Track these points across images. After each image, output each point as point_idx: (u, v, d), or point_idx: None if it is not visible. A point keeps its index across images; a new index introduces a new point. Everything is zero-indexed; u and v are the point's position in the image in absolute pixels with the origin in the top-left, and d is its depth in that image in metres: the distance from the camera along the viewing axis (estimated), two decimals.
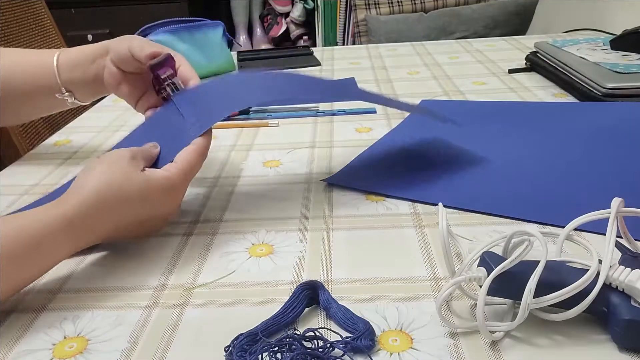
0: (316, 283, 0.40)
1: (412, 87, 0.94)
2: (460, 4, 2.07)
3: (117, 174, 0.45)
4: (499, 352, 0.35)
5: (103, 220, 0.44)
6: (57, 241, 0.42)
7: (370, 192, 0.57)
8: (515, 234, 0.39)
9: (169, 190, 0.48)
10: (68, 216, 0.42)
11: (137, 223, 0.47)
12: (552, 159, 0.61)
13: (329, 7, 2.31)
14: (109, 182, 0.44)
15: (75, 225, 0.42)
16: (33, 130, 1.11)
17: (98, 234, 0.45)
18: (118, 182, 0.44)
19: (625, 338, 0.34)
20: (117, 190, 0.44)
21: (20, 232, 0.39)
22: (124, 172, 0.45)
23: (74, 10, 2.34)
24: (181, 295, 0.42)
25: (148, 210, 0.47)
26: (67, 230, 0.42)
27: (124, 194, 0.44)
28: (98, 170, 0.45)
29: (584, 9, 1.71)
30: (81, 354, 0.37)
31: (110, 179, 0.44)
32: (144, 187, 0.46)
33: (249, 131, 0.78)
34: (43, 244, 0.41)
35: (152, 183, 0.46)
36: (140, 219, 0.47)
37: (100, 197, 0.43)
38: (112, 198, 0.44)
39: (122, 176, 0.45)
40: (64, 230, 0.42)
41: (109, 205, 0.44)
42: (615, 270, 0.35)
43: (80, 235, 0.43)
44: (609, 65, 0.82)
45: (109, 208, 0.44)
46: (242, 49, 2.05)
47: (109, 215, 0.44)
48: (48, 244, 0.41)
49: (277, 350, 0.35)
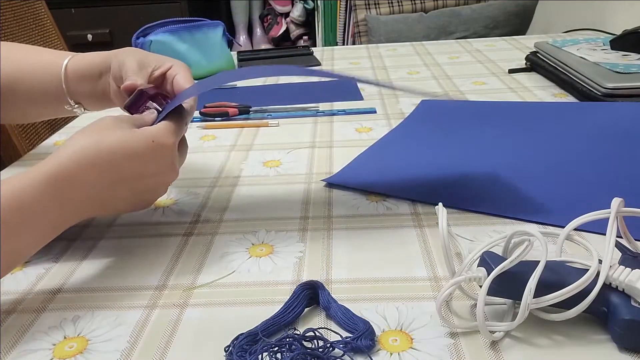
0: (316, 283, 0.40)
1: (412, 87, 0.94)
2: (460, 4, 2.07)
3: (100, 130, 0.44)
4: (499, 352, 0.35)
5: (88, 177, 0.42)
6: (40, 200, 0.40)
7: (370, 192, 0.57)
8: (515, 234, 0.39)
9: (156, 145, 0.45)
10: (47, 172, 0.40)
11: (130, 187, 0.45)
12: (552, 159, 0.61)
13: (329, 7, 2.31)
14: (91, 137, 0.43)
15: (58, 182, 0.41)
16: (33, 130, 1.11)
17: (87, 195, 0.43)
18: (101, 136, 0.43)
19: (625, 338, 0.34)
20: (99, 143, 0.43)
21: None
22: (108, 127, 0.44)
23: (74, 10, 2.34)
24: (181, 295, 0.42)
25: (137, 169, 0.45)
26: (50, 188, 0.40)
27: (106, 147, 0.43)
28: (80, 131, 0.44)
29: (584, 9, 1.71)
30: (81, 354, 0.37)
31: (92, 134, 0.43)
32: (127, 139, 0.44)
33: (249, 131, 0.78)
34: (25, 204, 0.39)
35: (135, 136, 0.45)
36: (132, 182, 0.45)
37: (82, 152, 0.42)
38: (94, 152, 0.42)
39: (106, 132, 0.44)
40: (46, 187, 0.40)
41: (92, 160, 0.42)
42: (615, 270, 0.35)
43: (66, 194, 0.42)
44: (609, 65, 0.82)
45: (92, 163, 0.42)
46: (242, 49, 2.05)
47: (93, 171, 0.42)
48: (30, 204, 0.39)
49: (277, 350, 0.35)
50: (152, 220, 0.54)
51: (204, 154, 0.70)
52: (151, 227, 0.53)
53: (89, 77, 0.57)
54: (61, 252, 0.50)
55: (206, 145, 0.73)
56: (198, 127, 0.80)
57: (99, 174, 0.43)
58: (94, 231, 0.53)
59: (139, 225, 0.53)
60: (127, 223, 0.54)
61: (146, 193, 0.48)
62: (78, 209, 0.43)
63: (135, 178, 0.45)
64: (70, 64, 0.58)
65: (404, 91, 0.75)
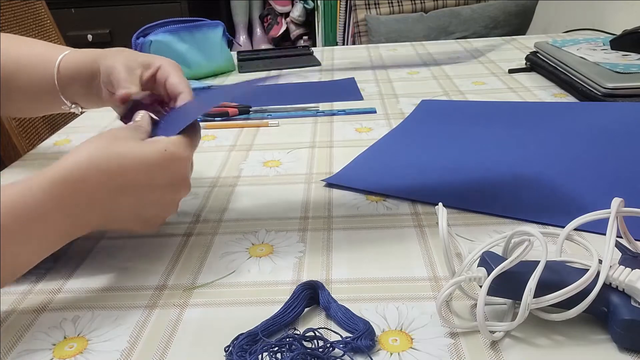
0: (316, 283, 0.40)
1: (412, 87, 0.94)
2: (460, 4, 2.07)
3: (111, 138, 0.42)
4: (499, 352, 0.35)
5: (95, 183, 0.40)
6: (43, 205, 0.38)
7: (370, 192, 0.57)
8: (515, 234, 0.39)
9: (168, 155, 0.43)
10: (52, 177, 0.39)
11: (139, 198, 0.43)
12: (552, 159, 0.61)
13: (329, 7, 2.31)
14: (100, 144, 0.41)
15: (62, 187, 0.39)
16: (33, 130, 1.11)
17: (93, 202, 0.41)
18: (111, 144, 0.42)
19: (625, 338, 0.34)
20: (109, 150, 0.41)
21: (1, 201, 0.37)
22: (118, 137, 0.43)
23: (74, 10, 2.34)
24: (181, 295, 0.42)
25: (147, 177, 0.42)
26: (54, 193, 0.39)
27: (116, 153, 0.41)
28: (89, 139, 0.42)
29: (584, 9, 1.71)
30: (81, 354, 0.37)
31: (101, 142, 0.42)
32: (138, 147, 0.42)
33: (249, 131, 0.78)
34: (26, 209, 0.38)
35: (147, 145, 0.43)
36: (141, 192, 0.43)
37: (90, 158, 0.40)
38: (103, 159, 0.40)
39: (116, 140, 0.42)
40: (49, 192, 0.39)
41: (99, 166, 0.40)
42: (615, 270, 0.35)
43: (71, 200, 0.40)
44: (609, 65, 0.82)
45: (100, 169, 0.40)
46: (242, 49, 2.05)
47: (101, 177, 0.40)
48: (32, 209, 0.38)
49: (277, 350, 0.35)
50: None
51: (204, 154, 0.70)
52: None
53: (80, 79, 0.56)
54: (61, 252, 0.49)
55: (206, 145, 0.73)
56: None
57: (107, 180, 0.41)
58: (94, 231, 0.53)
59: None
60: None
61: (156, 208, 0.45)
62: (84, 217, 0.41)
63: (145, 188, 0.43)
64: (63, 62, 0.56)
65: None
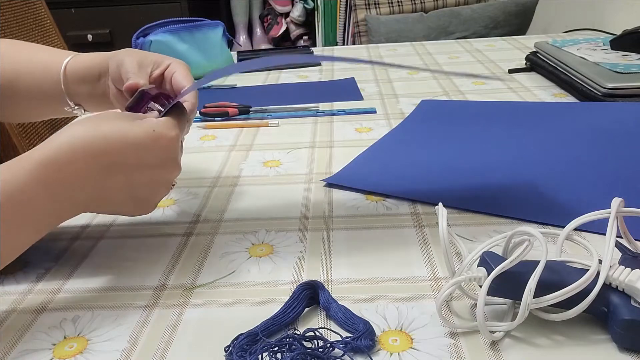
0: (316, 283, 0.40)
1: (412, 87, 0.94)
2: (460, 4, 2.07)
3: (99, 119, 0.42)
4: (499, 352, 0.35)
5: (82, 163, 0.40)
6: (28, 187, 0.38)
7: (370, 192, 0.57)
8: (515, 234, 0.39)
9: (157, 135, 0.43)
10: (38, 158, 0.38)
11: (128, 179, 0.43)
12: (552, 159, 0.61)
13: (329, 7, 2.31)
14: (88, 125, 0.41)
15: (48, 168, 0.39)
16: (33, 131, 1.11)
17: (80, 183, 0.41)
18: (99, 125, 0.41)
19: (625, 338, 0.34)
20: (96, 131, 0.41)
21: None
22: (107, 118, 0.42)
23: (74, 10, 2.34)
24: (181, 295, 0.42)
25: (135, 157, 0.42)
26: (39, 174, 0.38)
27: (103, 133, 0.41)
28: (77, 120, 0.42)
29: (584, 9, 1.71)
30: (81, 354, 0.37)
31: (90, 123, 0.41)
32: (126, 127, 0.42)
33: (249, 131, 0.78)
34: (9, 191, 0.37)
35: (135, 125, 0.42)
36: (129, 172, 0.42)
37: (76, 138, 0.40)
38: (90, 138, 0.40)
39: (105, 121, 0.42)
40: (35, 173, 0.38)
41: (86, 146, 0.40)
42: (615, 270, 0.35)
43: (57, 181, 0.39)
44: (609, 65, 0.82)
45: (86, 149, 0.40)
46: (242, 49, 2.05)
47: (87, 157, 0.40)
48: (17, 191, 0.38)
49: (277, 350, 0.35)
50: (152, 220, 0.54)
51: (204, 154, 0.70)
52: (151, 227, 0.53)
53: (88, 79, 0.56)
54: (61, 252, 0.50)
55: (206, 145, 0.73)
56: (198, 127, 0.80)
57: (92, 160, 0.40)
58: (94, 231, 0.53)
59: (139, 225, 0.53)
60: (127, 223, 0.54)
61: (147, 189, 0.45)
62: (71, 198, 0.41)
63: (134, 168, 0.42)
64: (69, 65, 0.57)
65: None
